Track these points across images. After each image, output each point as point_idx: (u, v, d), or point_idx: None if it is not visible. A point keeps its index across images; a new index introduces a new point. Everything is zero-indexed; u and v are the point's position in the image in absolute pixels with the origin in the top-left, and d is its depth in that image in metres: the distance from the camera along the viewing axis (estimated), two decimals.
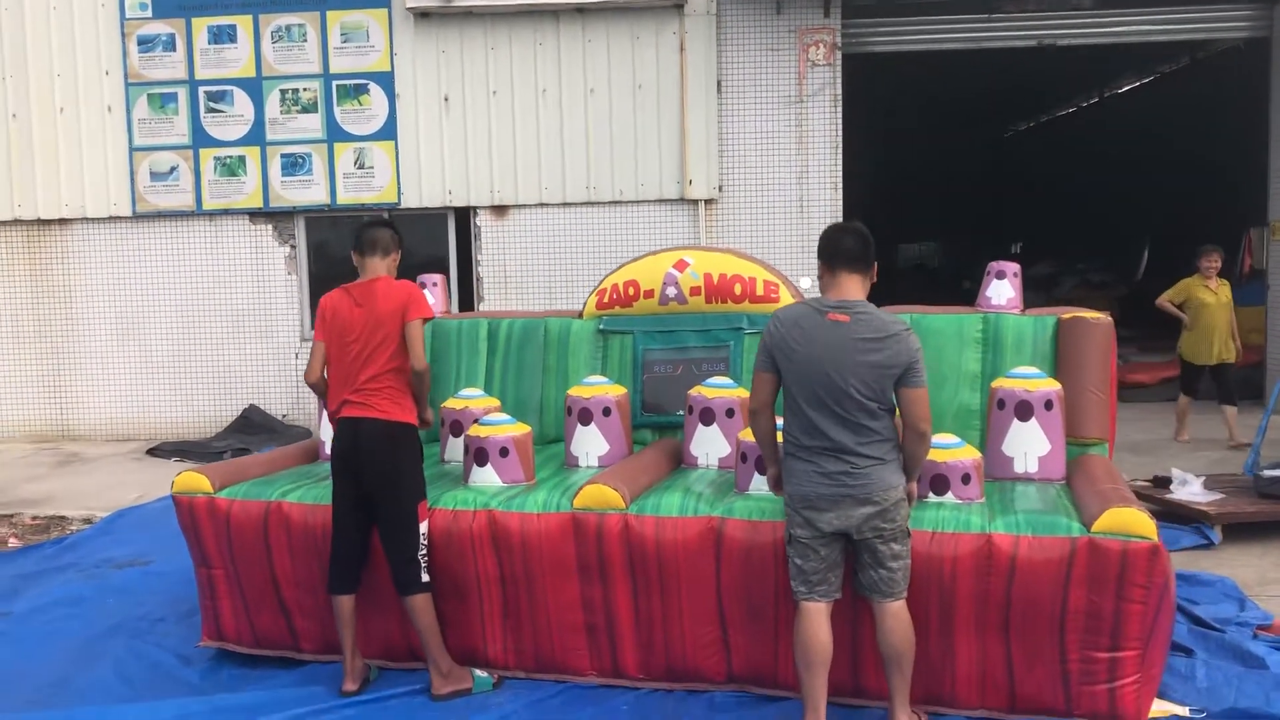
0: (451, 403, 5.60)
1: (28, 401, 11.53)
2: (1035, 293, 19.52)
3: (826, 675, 4.07)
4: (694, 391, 5.27)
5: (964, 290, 22.16)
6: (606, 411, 5.30)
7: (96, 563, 6.93)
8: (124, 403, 11.47)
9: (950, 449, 4.53)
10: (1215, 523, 6.78)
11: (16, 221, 11.35)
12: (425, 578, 4.61)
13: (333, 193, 11.22)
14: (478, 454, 4.93)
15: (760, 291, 5.72)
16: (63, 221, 11.35)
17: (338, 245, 11.35)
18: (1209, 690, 4.54)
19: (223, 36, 11.11)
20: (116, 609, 6.01)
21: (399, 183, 11.19)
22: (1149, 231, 20.20)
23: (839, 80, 11.02)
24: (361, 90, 11.12)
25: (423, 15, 10.96)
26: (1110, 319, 5.28)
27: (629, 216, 11.15)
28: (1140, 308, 18.67)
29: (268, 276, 11.36)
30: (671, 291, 5.82)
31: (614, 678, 4.73)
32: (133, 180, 11.24)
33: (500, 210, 11.24)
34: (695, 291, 5.78)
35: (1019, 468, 4.83)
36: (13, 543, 7.48)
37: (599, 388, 5.37)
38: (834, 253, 4.11)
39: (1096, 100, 20.80)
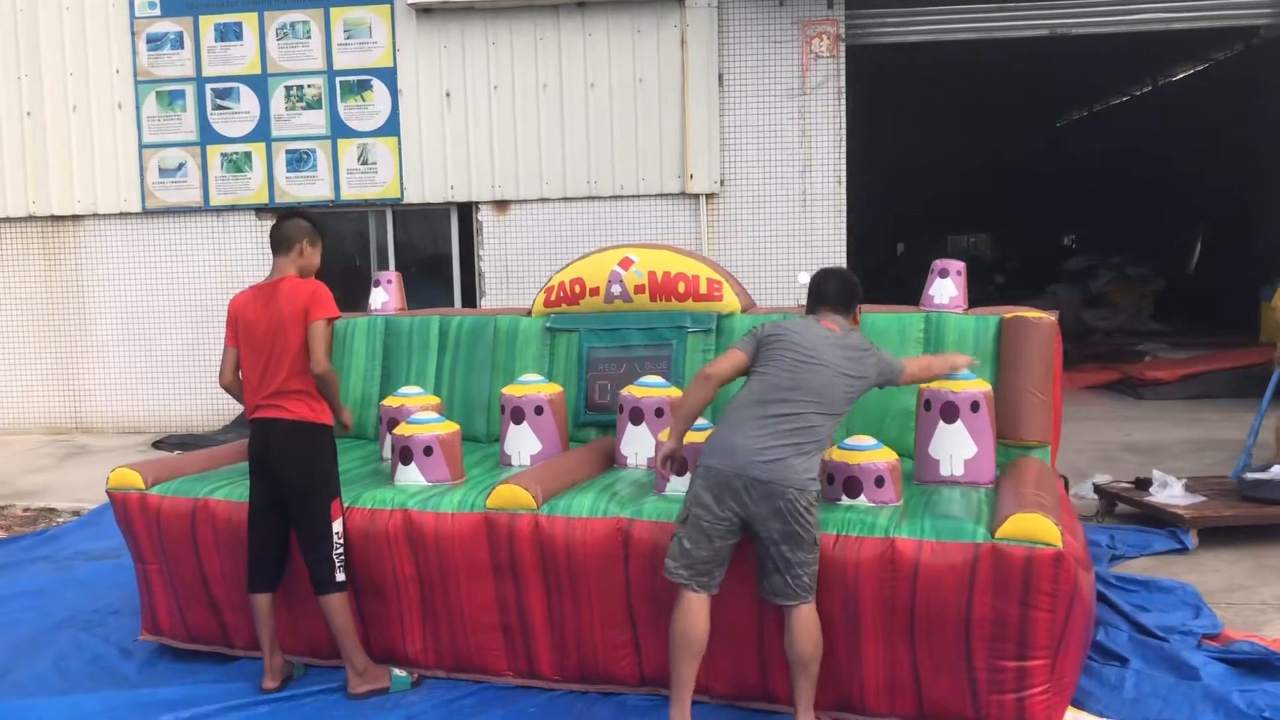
0: (390, 400, 5.62)
1: (43, 394, 11.76)
2: (1071, 285, 19.28)
3: (698, 664, 4.08)
4: (624, 390, 5.22)
5: (994, 284, 21.83)
6: (539, 410, 5.27)
7: (70, 555, 7.04)
8: (135, 395, 11.65)
9: (865, 450, 4.44)
10: (1190, 526, 6.58)
11: (31, 217, 11.57)
12: (340, 577, 4.60)
13: (336, 188, 11.29)
14: (402, 453, 4.93)
15: (704, 290, 5.66)
16: (75, 218, 11.54)
17: (341, 241, 11.44)
18: (1135, 701, 4.41)
19: (229, 34, 11.22)
20: (75, 601, 6.09)
21: (401, 178, 11.23)
22: (1203, 223, 19.67)
23: (843, 73, 10.86)
24: (364, 86, 11.17)
25: (424, 11, 10.99)
26: (1053, 319, 5.14)
27: (630, 211, 11.09)
28: (1181, 302, 18.36)
29: None
30: (617, 289, 5.78)
31: (530, 679, 4.71)
32: (142, 176, 11.41)
33: (502, 205, 11.24)
34: (640, 289, 5.73)
35: (945, 470, 4.72)
36: None
37: (532, 386, 5.34)
38: (817, 295, 4.45)
39: (1149, 89, 20.32)
